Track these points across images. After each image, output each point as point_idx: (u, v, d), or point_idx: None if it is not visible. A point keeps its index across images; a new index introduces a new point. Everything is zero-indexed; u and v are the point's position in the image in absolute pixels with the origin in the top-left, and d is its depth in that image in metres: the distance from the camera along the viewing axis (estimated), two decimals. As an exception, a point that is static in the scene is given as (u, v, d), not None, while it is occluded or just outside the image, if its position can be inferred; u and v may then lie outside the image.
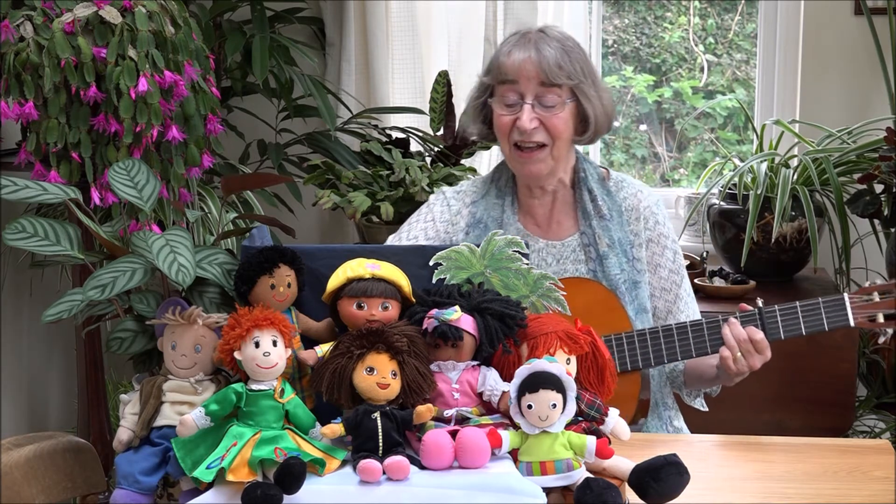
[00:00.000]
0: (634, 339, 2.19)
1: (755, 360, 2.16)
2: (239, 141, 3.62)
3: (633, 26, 4.19)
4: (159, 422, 1.70)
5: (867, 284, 2.20)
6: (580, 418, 1.68)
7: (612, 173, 2.41)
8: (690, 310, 2.36)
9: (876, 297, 2.17)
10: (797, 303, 2.18)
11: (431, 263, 1.84)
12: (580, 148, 2.41)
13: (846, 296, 2.17)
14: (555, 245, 2.35)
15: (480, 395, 1.70)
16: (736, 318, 2.17)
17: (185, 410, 1.67)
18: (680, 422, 2.37)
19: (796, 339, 2.17)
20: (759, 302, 2.20)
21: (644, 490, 1.60)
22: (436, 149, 3.47)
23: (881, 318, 2.16)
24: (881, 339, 2.22)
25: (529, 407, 1.60)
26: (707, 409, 2.40)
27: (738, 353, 2.15)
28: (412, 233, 2.37)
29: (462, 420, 1.68)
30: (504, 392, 1.68)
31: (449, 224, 2.37)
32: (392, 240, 2.39)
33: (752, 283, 3.28)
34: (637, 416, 2.24)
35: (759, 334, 2.15)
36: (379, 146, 3.39)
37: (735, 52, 4.16)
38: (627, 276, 2.29)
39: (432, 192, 3.12)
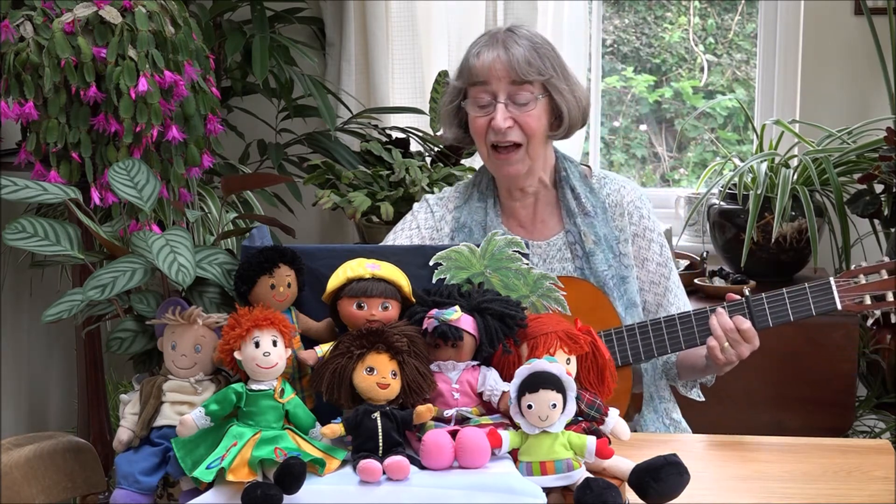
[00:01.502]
0: (623, 335, 2.20)
1: (743, 349, 2.17)
2: (239, 141, 3.62)
3: (633, 26, 4.19)
4: (159, 422, 1.70)
5: (853, 267, 2.20)
6: (580, 418, 1.68)
7: (595, 170, 2.42)
8: (681, 301, 2.37)
9: (862, 279, 2.16)
10: (784, 289, 2.18)
11: (431, 263, 1.84)
12: (571, 147, 2.41)
13: (832, 279, 2.16)
14: (540, 245, 2.35)
15: (480, 395, 1.70)
16: (723, 307, 2.18)
17: (185, 410, 1.67)
18: (677, 414, 2.37)
19: (796, 339, 2.18)
20: (746, 290, 2.21)
21: (644, 490, 1.60)
22: (436, 149, 3.47)
23: (868, 300, 2.16)
24: (869, 321, 2.22)
25: (529, 407, 1.60)
26: (703, 399, 2.40)
27: (726, 343, 2.15)
28: (398, 241, 2.39)
29: (462, 420, 1.68)
30: (504, 392, 1.68)
31: (433, 230, 2.38)
32: None
33: (752, 283, 3.28)
34: (630, 411, 2.24)
35: (745, 323, 2.15)
36: (379, 146, 3.39)
37: (735, 52, 4.16)
38: (615, 272, 2.30)
39: (432, 193, 3.13)
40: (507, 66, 2.25)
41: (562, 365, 1.65)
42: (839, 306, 2.16)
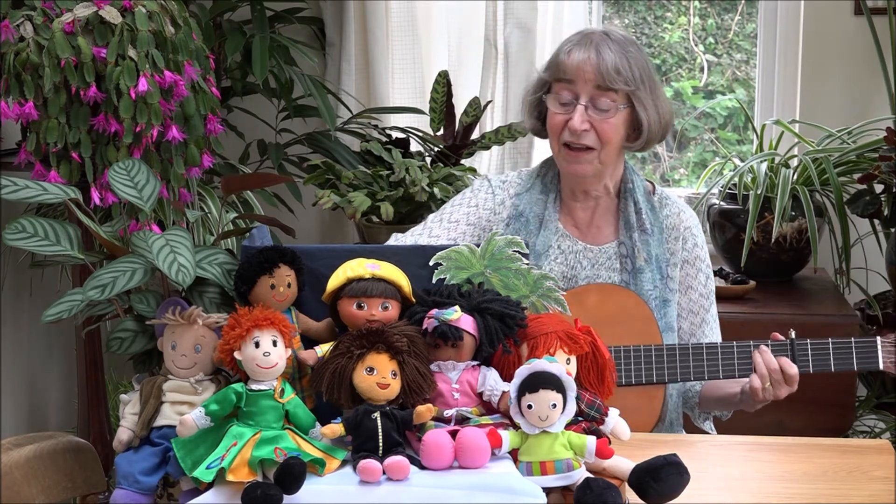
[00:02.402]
0: (664, 353, 2.18)
1: (783, 391, 2.16)
2: (239, 141, 3.62)
3: (633, 26, 4.19)
4: (159, 422, 1.70)
5: None
6: (580, 418, 1.68)
7: (658, 188, 2.40)
8: (715, 335, 2.35)
9: None
10: (829, 340, 2.17)
11: (431, 263, 1.84)
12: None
13: (879, 339, 2.17)
14: (591, 249, 2.33)
15: (480, 395, 1.70)
16: (767, 345, 2.17)
17: (185, 410, 1.67)
18: None
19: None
20: (792, 333, 2.18)
21: (644, 490, 1.60)
22: (436, 149, 3.47)
23: None
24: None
25: (529, 407, 1.60)
26: (715, 433, 2.39)
27: (768, 383, 2.14)
28: (454, 215, 2.35)
29: (462, 420, 1.67)
30: (504, 392, 1.67)
31: (491, 213, 2.36)
32: (432, 220, 2.37)
33: (752, 283, 3.28)
34: (653, 431, 2.24)
35: (793, 368, 2.13)
36: (379, 146, 3.39)
37: (735, 52, 4.16)
38: (659, 294, 2.28)
39: (432, 193, 3.14)
40: (596, 69, 2.22)
41: (562, 365, 1.65)
42: (881, 366, 2.16)
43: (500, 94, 3.67)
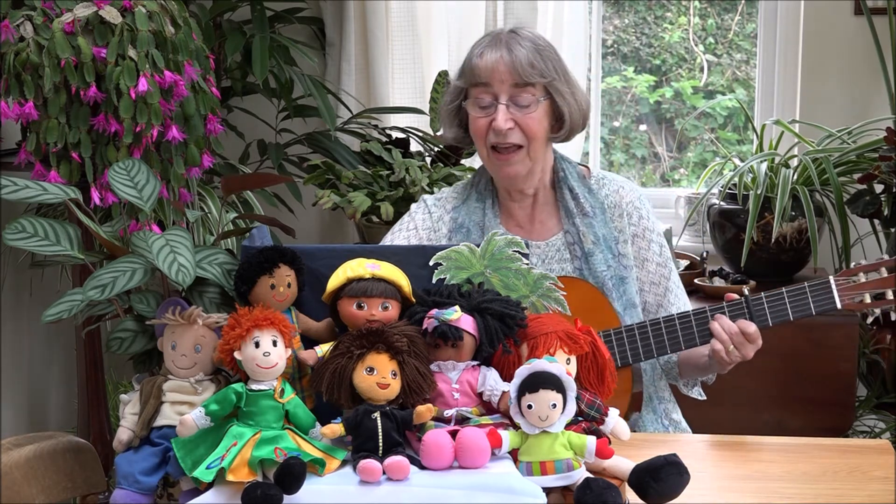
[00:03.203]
0: (623, 335, 2.19)
1: (748, 350, 2.17)
2: (239, 141, 3.62)
3: (633, 26, 4.19)
4: (159, 422, 1.70)
5: (853, 265, 2.20)
6: (580, 418, 1.68)
7: (593, 170, 2.42)
8: (681, 301, 2.37)
9: (862, 278, 2.16)
10: (783, 288, 2.17)
11: (431, 263, 1.84)
12: (571, 148, 2.41)
13: (832, 278, 2.16)
14: (539, 245, 2.35)
15: (480, 395, 1.70)
16: (723, 310, 2.17)
17: (185, 410, 1.67)
18: (678, 414, 2.37)
19: (796, 339, 2.18)
20: (745, 290, 2.20)
21: (644, 490, 1.60)
22: (436, 149, 3.47)
23: (868, 299, 2.16)
24: (869, 319, 2.21)
25: (529, 407, 1.60)
26: (705, 398, 2.40)
27: (731, 346, 2.15)
28: (395, 242, 2.38)
29: (462, 420, 1.68)
30: (504, 392, 1.68)
31: (431, 231, 2.38)
32: None
33: (752, 283, 3.28)
34: (630, 411, 2.24)
35: (751, 326, 2.15)
36: (379, 146, 3.39)
37: (735, 52, 4.16)
38: (614, 273, 2.30)
39: (432, 193, 3.13)
40: (510, 67, 2.24)
41: (562, 365, 1.65)
42: (839, 305, 2.15)
43: (500, 94, 3.67)
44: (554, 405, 1.59)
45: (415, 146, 3.53)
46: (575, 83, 2.33)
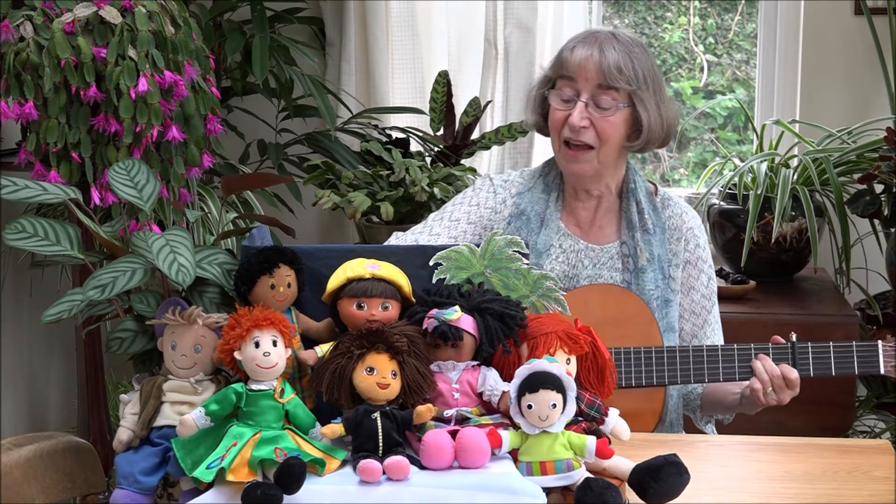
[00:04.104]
0: (664, 355, 2.17)
1: (785, 396, 2.16)
2: (239, 141, 3.62)
3: (633, 26, 4.19)
4: (159, 422, 1.70)
5: None
6: (580, 418, 1.68)
7: (660, 189, 2.40)
8: (717, 337, 2.35)
9: None
10: (830, 343, 2.16)
11: (431, 263, 1.84)
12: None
13: (880, 343, 2.16)
14: (594, 249, 2.33)
15: (480, 395, 1.70)
16: (768, 351, 2.16)
17: (185, 410, 1.67)
18: None
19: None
20: (793, 337, 2.18)
21: (644, 490, 1.60)
22: (436, 149, 3.47)
23: None
24: None
25: (529, 407, 1.60)
26: (717, 434, 2.39)
27: (770, 388, 2.14)
28: (455, 214, 2.35)
29: (462, 420, 1.68)
30: (504, 392, 1.67)
31: (493, 212, 2.35)
32: (433, 218, 2.37)
33: (752, 283, 3.28)
34: (653, 432, 2.23)
35: (793, 373, 2.13)
36: (379, 146, 3.39)
37: (735, 52, 4.16)
38: (661, 294, 2.28)
39: (432, 193, 3.14)
40: (598, 67, 2.22)
41: (562, 365, 1.65)
42: (882, 371, 2.15)
43: (500, 94, 3.67)
44: (554, 405, 1.59)
45: (415, 146, 3.53)
46: (665, 97, 2.30)
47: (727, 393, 2.28)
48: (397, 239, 2.35)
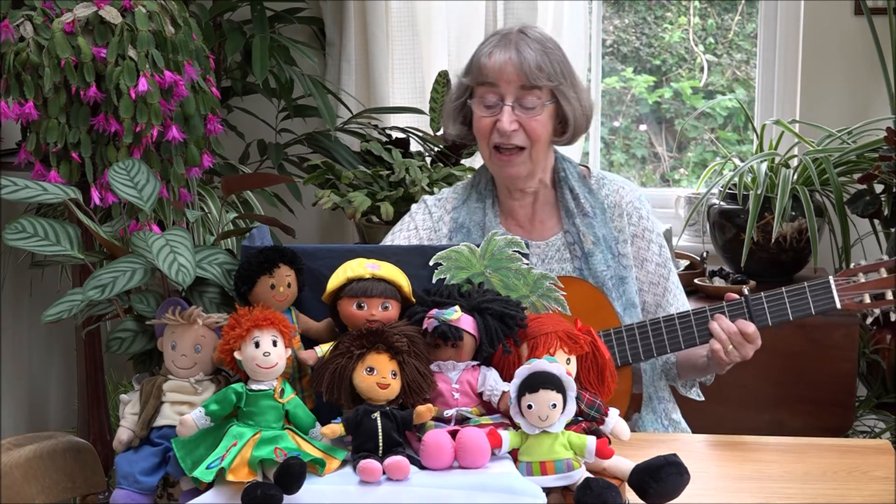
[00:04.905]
0: (623, 335, 2.19)
1: (747, 350, 2.17)
2: (239, 141, 3.62)
3: (633, 26, 4.19)
4: (159, 422, 1.70)
5: (853, 265, 2.20)
6: (580, 418, 1.68)
7: (593, 171, 2.42)
8: (680, 301, 2.36)
9: (861, 278, 2.16)
10: (783, 288, 2.17)
11: (431, 263, 1.84)
12: (571, 148, 2.41)
13: (832, 278, 2.15)
14: (539, 245, 2.35)
15: (480, 395, 1.70)
16: (723, 310, 2.17)
17: (185, 410, 1.67)
18: (677, 415, 2.37)
19: (796, 339, 2.18)
20: (745, 290, 2.20)
21: (644, 490, 1.60)
22: (436, 149, 3.47)
23: (868, 299, 2.15)
24: (868, 320, 2.21)
25: (529, 407, 1.60)
26: (703, 399, 2.40)
27: (730, 346, 2.15)
28: (395, 242, 2.38)
29: (462, 420, 1.68)
30: (504, 392, 1.68)
31: (431, 231, 2.38)
32: None
33: (752, 283, 3.28)
34: (630, 412, 2.24)
35: (750, 327, 2.15)
36: (379, 146, 3.39)
37: (735, 52, 4.16)
38: (614, 273, 2.30)
39: (432, 193, 3.13)
40: (518, 69, 2.24)
41: (562, 365, 1.65)
42: (838, 305, 2.15)
43: (500, 94, 3.67)
44: (554, 405, 1.59)
45: (415, 146, 3.53)
46: (580, 86, 2.33)
47: (697, 357, 2.30)
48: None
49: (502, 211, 2.38)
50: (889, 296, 2.15)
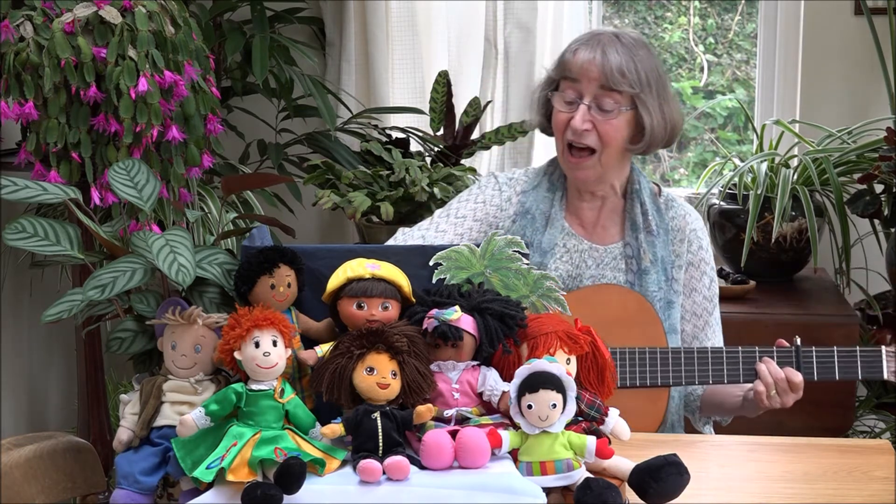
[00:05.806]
0: (668, 356, 2.17)
1: (789, 399, 2.15)
2: (239, 141, 3.62)
3: (633, 26, 4.18)
4: (159, 422, 1.70)
5: None
6: (580, 418, 1.68)
7: (664, 190, 2.40)
8: (717, 339, 2.35)
9: None
10: (835, 348, 2.16)
11: (431, 263, 1.84)
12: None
13: (884, 348, 2.16)
14: (597, 249, 2.33)
15: (480, 395, 1.70)
16: (772, 354, 2.16)
17: (185, 410, 1.67)
18: None
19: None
20: (797, 340, 2.18)
21: (644, 490, 1.60)
22: (436, 149, 3.47)
23: None
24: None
25: (529, 407, 1.60)
26: (713, 434, 2.39)
27: (773, 391, 2.13)
28: (461, 211, 2.35)
29: (462, 420, 1.68)
30: (504, 392, 1.67)
31: (498, 209, 2.35)
32: (439, 215, 2.36)
33: (752, 283, 3.28)
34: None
35: (797, 376, 2.13)
36: (379, 146, 3.39)
37: (735, 52, 4.16)
38: (663, 295, 2.28)
39: (432, 193, 3.14)
40: (600, 70, 2.22)
41: (562, 365, 1.65)
42: (886, 375, 2.15)
43: (500, 94, 3.67)
44: (554, 405, 1.59)
45: (415, 146, 3.53)
46: (669, 99, 2.29)
47: (728, 395, 2.28)
48: (404, 234, 2.35)
49: (569, 207, 2.36)
50: None
